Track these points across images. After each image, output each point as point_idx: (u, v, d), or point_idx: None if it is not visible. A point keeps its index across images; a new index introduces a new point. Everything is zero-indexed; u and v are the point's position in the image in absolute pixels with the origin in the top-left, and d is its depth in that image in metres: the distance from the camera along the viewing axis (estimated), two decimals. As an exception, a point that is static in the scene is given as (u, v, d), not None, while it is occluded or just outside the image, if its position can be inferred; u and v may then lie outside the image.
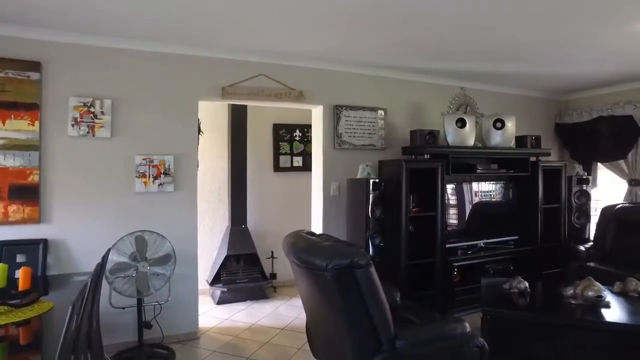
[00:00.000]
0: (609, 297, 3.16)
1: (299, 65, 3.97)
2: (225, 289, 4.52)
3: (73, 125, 3.21)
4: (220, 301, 4.53)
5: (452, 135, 4.19)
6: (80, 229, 3.23)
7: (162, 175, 3.48)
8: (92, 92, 3.26)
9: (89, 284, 2.12)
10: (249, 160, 4.99)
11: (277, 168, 5.27)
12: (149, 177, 3.44)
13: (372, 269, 2.25)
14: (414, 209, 3.97)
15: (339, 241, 2.51)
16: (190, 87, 3.58)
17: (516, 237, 4.63)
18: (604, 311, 2.97)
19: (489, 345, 2.94)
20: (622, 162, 4.98)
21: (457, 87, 4.75)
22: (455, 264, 4.10)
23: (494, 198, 4.74)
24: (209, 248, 4.91)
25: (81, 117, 3.23)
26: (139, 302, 3.16)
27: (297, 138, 5.33)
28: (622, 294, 3.26)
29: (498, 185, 4.72)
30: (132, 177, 3.38)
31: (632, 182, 4.91)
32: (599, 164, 5.33)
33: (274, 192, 5.26)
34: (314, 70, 4.04)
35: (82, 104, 3.23)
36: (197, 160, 3.78)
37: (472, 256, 4.25)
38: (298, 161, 5.31)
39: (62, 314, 1.71)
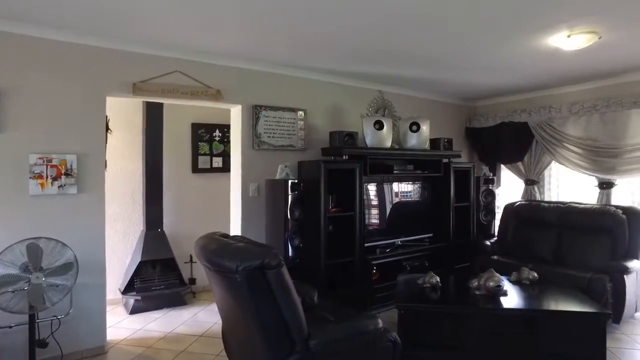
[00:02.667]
0: (507, 286, 3.45)
1: (217, 64, 3.85)
2: (139, 297, 4.25)
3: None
4: (134, 310, 4.25)
5: (370, 136, 4.31)
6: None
7: (63, 176, 3.18)
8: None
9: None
10: (166, 161, 4.75)
11: (195, 169, 5.07)
12: (47, 178, 3.12)
13: (284, 270, 2.22)
14: (333, 209, 4.03)
15: (251, 242, 2.46)
16: (97, 81, 3.31)
17: (431, 235, 4.89)
18: (502, 299, 3.24)
19: (404, 338, 3.06)
20: (519, 164, 5.48)
21: (376, 90, 4.91)
22: (374, 262, 4.22)
23: (411, 198, 4.97)
24: (122, 254, 4.60)
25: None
26: (32, 319, 2.83)
27: (217, 138, 5.18)
28: (517, 283, 3.58)
29: (415, 186, 4.95)
30: (24, 178, 3.04)
31: (528, 182, 5.42)
32: (502, 165, 5.81)
33: (193, 194, 5.06)
34: (232, 69, 3.94)
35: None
36: (105, 161, 3.51)
37: (390, 254, 4.41)
38: (218, 162, 5.16)
39: None
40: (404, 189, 4.90)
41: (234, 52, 3.73)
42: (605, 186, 4.73)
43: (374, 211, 4.64)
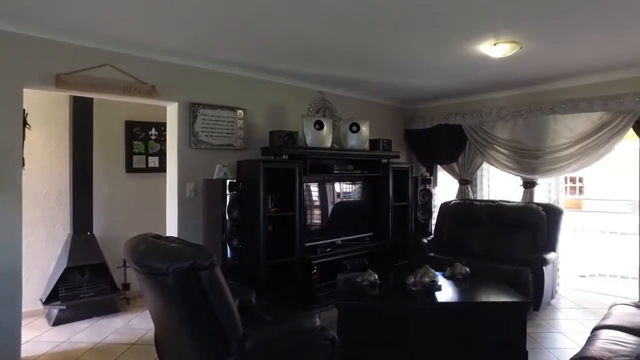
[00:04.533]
0: (441, 281, 3.60)
1: (153, 58, 3.69)
2: (64, 307, 3.95)
3: None
4: (58, 321, 3.94)
5: (310, 136, 4.32)
6: None
7: (-28, 177, 2.89)
8: None
9: None
10: (96, 160, 4.47)
11: (130, 169, 4.82)
12: (-47, 178, 2.82)
13: (218, 270, 2.16)
14: (273, 209, 3.99)
15: (184, 242, 2.37)
16: (11, 72, 3.01)
17: (371, 234, 5.00)
18: (437, 294, 3.37)
19: (343, 336, 3.09)
20: (454, 164, 5.75)
21: (317, 91, 4.95)
22: (315, 262, 4.23)
23: (353, 198, 5.05)
24: (45, 261, 4.26)
25: None
26: None
27: (153, 137, 4.95)
28: (451, 278, 3.74)
29: (356, 186, 5.04)
30: None
31: (462, 182, 5.70)
32: (438, 165, 6.06)
33: (127, 195, 4.80)
34: (169, 65, 3.79)
35: None
36: (23, 159, 3.23)
37: (331, 253, 4.45)
38: (154, 161, 4.94)
39: None
40: (346, 189, 4.97)
41: (172, 48, 3.58)
42: (529, 185, 5.08)
43: (316, 211, 4.66)
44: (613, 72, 4.32)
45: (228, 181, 3.68)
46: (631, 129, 4.31)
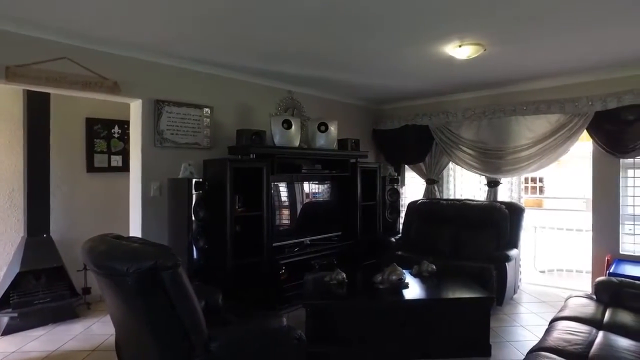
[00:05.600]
0: (408, 278, 3.65)
1: (115, 53, 3.55)
2: (16, 314, 3.72)
3: None
4: (8, 330, 3.68)
5: (278, 136, 4.29)
6: None
7: None
8: None
9: None
10: (54, 158, 4.27)
11: (91, 168, 4.63)
12: None
13: (181, 270, 2.10)
14: (240, 209, 3.93)
15: (146, 242, 2.29)
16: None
17: (339, 233, 5.01)
18: (404, 291, 3.42)
19: (311, 335, 3.09)
20: (421, 164, 5.85)
21: (286, 90, 4.92)
22: (282, 262, 4.20)
23: (321, 197, 5.05)
24: (-4, 265, 4.03)
25: None
26: None
27: (116, 135, 4.78)
28: (418, 275, 3.80)
29: (325, 186, 5.04)
30: None
31: (429, 181, 5.81)
32: (405, 165, 6.16)
33: (88, 195, 4.61)
34: (132, 60, 3.67)
35: None
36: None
37: (299, 253, 4.42)
38: (117, 160, 4.77)
39: None
40: (314, 189, 4.96)
41: (135, 43, 3.46)
42: (493, 184, 5.24)
43: (285, 211, 4.63)
44: (569, 76, 4.52)
45: (194, 180, 3.59)
46: (585, 132, 4.51)
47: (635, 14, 2.91)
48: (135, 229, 3.81)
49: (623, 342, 2.25)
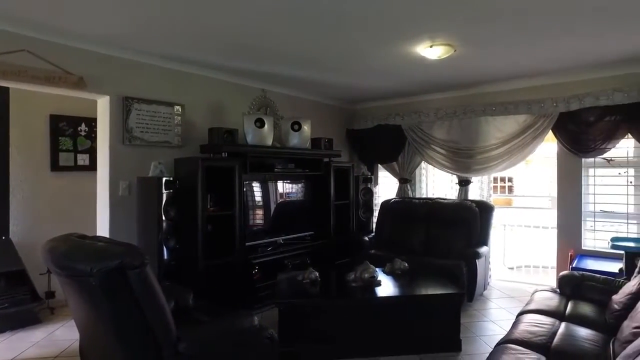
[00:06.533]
0: (381, 276, 3.68)
1: (82, 47, 3.44)
2: (-28, 321, 3.56)
3: None
4: (-37, 338, 3.54)
5: (251, 134, 4.25)
6: None
7: None
8: None
9: None
10: (14, 156, 4.10)
11: (55, 167, 4.45)
12: None
13: (148, 269, 2.04)
14: (212, 209, 3.87)
15: (112, 241, 2.22)
16: None
17: (312, 232, 5.00)
18: (377, 289, 3.44)
19: (284, 334, 3.07)
20: (394, 164, 5.92)
21: (259, 89, 4.88)
22: (255, 262, 4.16)
23: (295, 197, 5.03)
24: (-48, 269, 3.82)
25: None
26: None
27: (83, 133, 4.63)
28: (390, 273, 3.84)
29: (299, 185, 5.02)
30: None
31: (402, 180, 5.88)
32: (379, 165, 6.21)
33: (52, 196, 4.43)
34: (100, 55, 3.56)
35: None
36: None
37: (272, 252, 4.40)
38: (84, 159, 4.61)
39: None
40: (288, 188, 4.94)
41: (103, 37, 3.36)
42: (464, 183, 5.35)
43: (259, 211, 4.59)
44: (535, 78, 4.67)
45: (164, 179, 3.52)
46: (551, 132, 4.67)
47: (592, 24, 3.09)
48: (102, 230, 3.70)
49: (582, 332, 2.36)
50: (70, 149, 4.56)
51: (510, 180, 13.03)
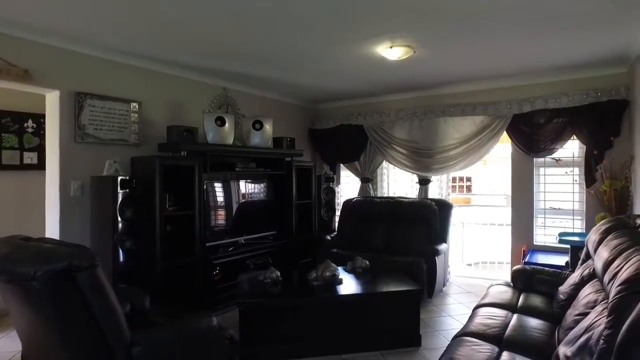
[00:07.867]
0: (342, 275, 3.70)
1: (28, 39, 3.25)
2: None
3: None
4: None
5: (212, 133, 4.17)
6: None
7: None
8: None
9: None
10: (-47, 155, 3.82)
11: (-1, 166, 4.20)
12: None
13: (99, 271, 1.96)
14: (171, 209, 3.76)
15: (59, 243, 2.12)
16: None
17: (275, 232, 4.97)
18: (338, 287, 3.46)
19: (245, 335, 3.03)
20: (356, 163, 5.98)
21: (220, 87, 4.79)
22: (216, 262, 4.09)
23: (257, 196, 4.97)
24: None
25: None
26: None
27: (30, 130, 4.38)
28: (351, 271, 3.86)
29: (261, 185, 4.97)
30: None
31: (364, 180, 5.95)
32: (341, 164, 6.26)
33: (-4, 196, 4.18)
34: (48, 47, 3.37)
35: None
36: None
37: (233, 253, 4.33)
38: (31, 158, 4.36)
39: None
40: (250, 188, 4.88)
41: (51, 28, 3.19)
42: (424, 182, 5.47)
43: (221, 211, 4.51)
44: (491, 81, 4.86)
45: (120, 178, 3.38)
46: (505, 133, 4.87)
47: (542, 33, 3.27)
48: (52, 232, 3.51)
49: (532, 322, 2.49)
50: (16, 146, 4.30)
51: (469, 179, 13.49)
